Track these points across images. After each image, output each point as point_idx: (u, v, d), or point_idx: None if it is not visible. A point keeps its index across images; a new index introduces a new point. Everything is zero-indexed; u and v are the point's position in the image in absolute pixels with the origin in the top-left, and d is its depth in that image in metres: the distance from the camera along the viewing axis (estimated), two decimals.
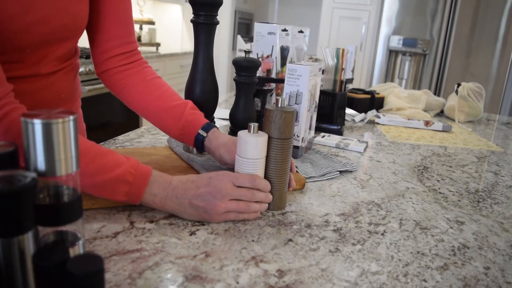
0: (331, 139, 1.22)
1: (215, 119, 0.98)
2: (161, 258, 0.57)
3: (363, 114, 1.61)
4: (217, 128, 0.85)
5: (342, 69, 1.33)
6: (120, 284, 0.51)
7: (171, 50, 4.22)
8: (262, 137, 0.70)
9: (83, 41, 0.91)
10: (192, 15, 0.90)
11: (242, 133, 0.71)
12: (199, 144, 0.83)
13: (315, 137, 1.23)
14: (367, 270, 0.58)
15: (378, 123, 1.57)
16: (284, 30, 1.34)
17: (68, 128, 0.38)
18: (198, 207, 0.66)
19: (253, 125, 0.70)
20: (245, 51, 1.00)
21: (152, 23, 4.12)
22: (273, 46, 1.32)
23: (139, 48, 0.95)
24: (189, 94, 0.94)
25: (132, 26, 0.91)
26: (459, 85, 1.78)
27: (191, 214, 0.67)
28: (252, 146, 0.69)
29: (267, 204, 0.72)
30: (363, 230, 0.70)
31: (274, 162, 0.72)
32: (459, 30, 3.35)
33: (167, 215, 0.69)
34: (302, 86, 0.97)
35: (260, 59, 1.32)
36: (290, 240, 0.65)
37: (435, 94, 3.49)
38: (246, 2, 5.40)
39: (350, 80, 1.74)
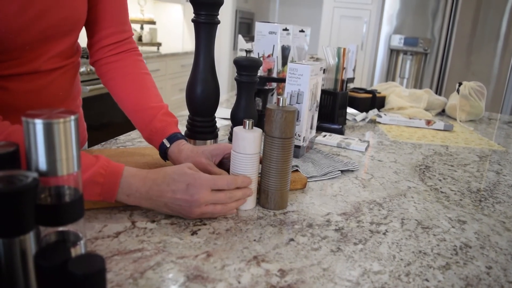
0: (333, 139, 1.22)
1: (216, 119, 0.98)
2: (163, 258, 0.57)
3: (364, 113, 1.61)
4: (185, 139, 0.83)
5: (343, 68, 1.33)
6: (121, 284, 0.51)
7: (172, 50, 4.22)
8: (258, 133, 0.71)
9: (85, 41, 0.91)
10: (193, 15, 0.90)
11: (238, 130, 0.72)
12: (162, 154, 0.83)
13: (316, 136, 1.23)
14: (369, 269, 0.58)
15: (379, 123, 1.57)
16: (285, 29, 1.34)
17: (69, 128, 0.38)
18: (173, 209, 0.66)
19: (249, 121, 0.71)
20: (246, 51, 1.00)
21: (153, 23, 4.12)
22: (274, 46, 1.32)
23: (140, 48, 0.95)
24: (190, 93, 0.94)
25: (126, 14, 0.91)
26: (460, 84, 1.78)
27: (166, 212, 0.67)
28: (249, 141, 0.71)
29: (246, 199, 0.72)
30: (364, 230, 0.70)
31: (275, 162, 0.72)
32: (460, 29, 3.34)
33: (169, 215, 0.69)
34: (303, 86, 0.97)
35: (261, 59, 1.32)
36: (292, 239, 0.65)
37: (436, 93, 3.49)
38: (246, 2, 5.40)
39: (351, 79, 1.73)
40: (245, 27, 5.42)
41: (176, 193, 0.65)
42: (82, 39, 0.89)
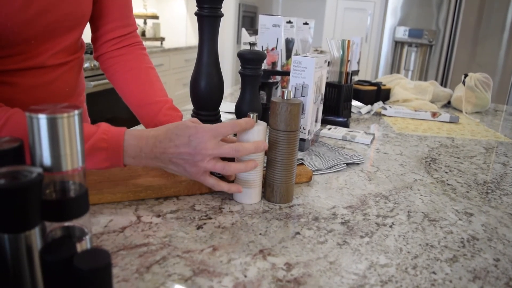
0: (338, 132, 1.21)
1: (220, 113, 0.98)
2: (169, 252, 0.57)
3: (369, 106, 1.60)
4: None
5: (348, 60, 1.32)
6: (127, 279, 0.51)
7: (176, 45, 4.21)
8: (262, 126, 0.71)
9: (89, 37, 0.91)
10: (196, 8, 0.90)
11: None
12: None
13: (321, 129, 1.22)
14: (375, 262, 0.58)
15: (384, 115, 1.56)
16: (289, 22, 1.34)
17: (73, 123, 0.38)
18: (178, 164, 0.65)
19: (253, 115, 0.71)
20: (250, 44, 0.99)
21: (156, 17, 4.11)
22: (278, 39, 1.31)
23: (143, 43, 0.94)
24: (194, 88, 0.94)
25: (130, 8, 0.91)
26: (466, 75, 1.76)
27: (173, 170, 0.67)
28: (254, 135, 0.70)
29: (248, 165, 0.68)
30: (371, 223, 0.70)
31: (280, 155, 0.72)
32: (466, 20, 3.31)
33: (174, 209, 0.69)
34: (308, 78, 0.97)
35: (265, 52, 1.31)
36: (298, 233, 0.64)
37: (441, 85, 3.46)
38: None
39: (356, 72, 1.72)
40: (248, 21, 5.40)
41: (179, 147, 0.64)
42: (85, 35, 0.88)
